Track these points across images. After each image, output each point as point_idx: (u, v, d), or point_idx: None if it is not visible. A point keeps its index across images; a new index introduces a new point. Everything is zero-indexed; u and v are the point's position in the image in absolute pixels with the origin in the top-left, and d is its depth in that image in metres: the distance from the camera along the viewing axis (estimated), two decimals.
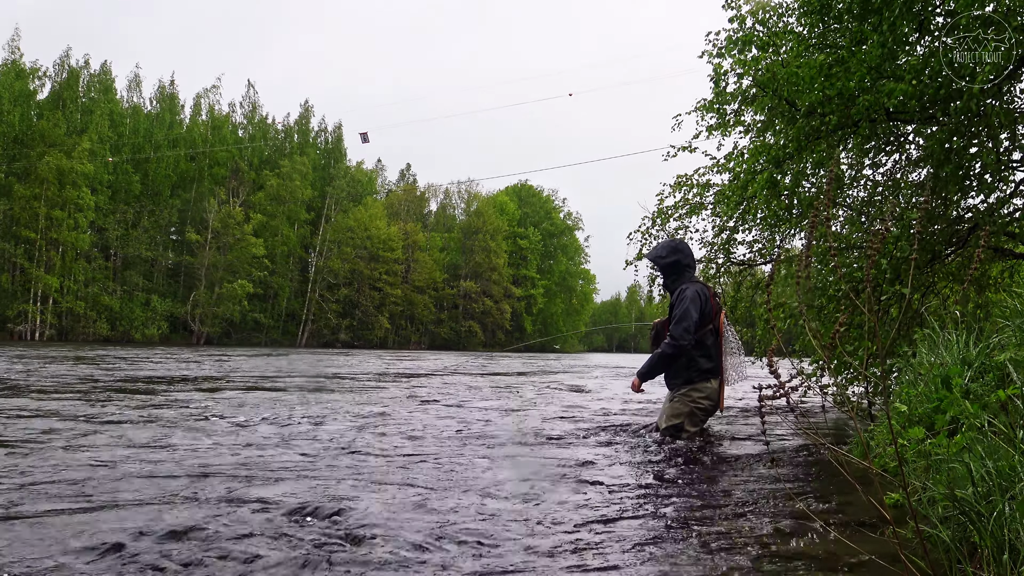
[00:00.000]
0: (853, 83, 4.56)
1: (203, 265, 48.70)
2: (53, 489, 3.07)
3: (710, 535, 2.60)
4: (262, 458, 3.94)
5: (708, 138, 6.94)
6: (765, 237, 7.37)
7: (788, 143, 5.55)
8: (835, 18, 5.26)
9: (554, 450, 4.55)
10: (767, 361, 1.87)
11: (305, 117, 60.52)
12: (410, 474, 3.62)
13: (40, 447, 4.10)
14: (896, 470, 2.07)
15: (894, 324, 5.11)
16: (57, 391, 7.74)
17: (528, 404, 7.92)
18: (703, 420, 4.91)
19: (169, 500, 2.91)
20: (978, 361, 3.09)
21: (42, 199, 40.25)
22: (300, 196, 52.80)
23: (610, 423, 5.99)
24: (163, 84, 52.92)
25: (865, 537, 2.49)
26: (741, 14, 5.95)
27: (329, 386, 9.91)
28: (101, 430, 4.83)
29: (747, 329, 7.88)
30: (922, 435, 2.30)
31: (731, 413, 7.30)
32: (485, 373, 15.70)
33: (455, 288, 64.66)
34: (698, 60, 6.38)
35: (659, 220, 7.62)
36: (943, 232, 5.24)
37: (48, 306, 41.67)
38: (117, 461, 3.73)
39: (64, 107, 45.09)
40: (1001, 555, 1.79)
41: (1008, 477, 1.93)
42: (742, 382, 4.99)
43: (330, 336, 55.28)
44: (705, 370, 4.80)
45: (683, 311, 4.73)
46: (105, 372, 11.34)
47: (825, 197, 1.73)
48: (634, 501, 3.12)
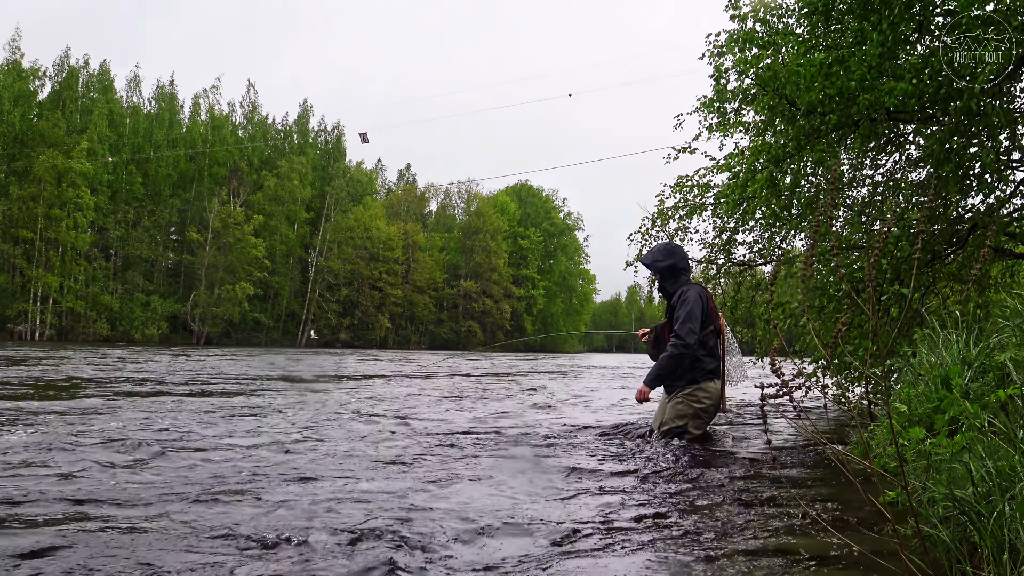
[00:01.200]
0: (854, 83, 4.55)
1: (203, 265, 48.68)
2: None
3: (710, 534, 2.60)
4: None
5: (709, 138, 6.95)
6: (765, 238, 7.36)
7: (788, 142, 5.55)
8: (836, 19, 5.26)
9: (546, 452, 4.55)
10: (769, 361, 1.87)
11: (304, 117, 60.50)
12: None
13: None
14: (896, 470, 2.07)
15: (894, 324, 5.11)
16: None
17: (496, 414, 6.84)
18: (707, 422, 4.86)
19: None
20: (978, 361, 3.09)
21: (40, 199, 40.20)
22: (299, 196, 52.76)
23: (605, 425, 5.99)
24: (162, 84, 52.93)
25: (866, 536, 2.50)
26: (742, 14, 5.95)
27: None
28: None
29: (747, 329, 7.87)
30: (922, 435, 2.30)
31: (731, 413, 7.30)
32: (458, 374, 15.62)
33: (455, 288, 64.63)
34: (699, 61, 6.39)
35: (659, 221, 7.63)
36: (943, 232, 5.25)
37: (48, 306, 41.65)
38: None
39: (64, 107, 45.07)
40: (1001, 555, 1.80)
41: (1008, 477, 1.94)
42: (743, 382, 4.98)
43: (330, 336, 55.27)
44: (709, 370, 4.79)
45: (687, 312, 4.72)
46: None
47: (827, 197, 1.73)
48: (633, 501, 3.12)
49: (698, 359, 4.76)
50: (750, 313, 7.85)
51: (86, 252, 43.51)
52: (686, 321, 4.69)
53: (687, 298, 4.77)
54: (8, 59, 44.42)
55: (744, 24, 5.95)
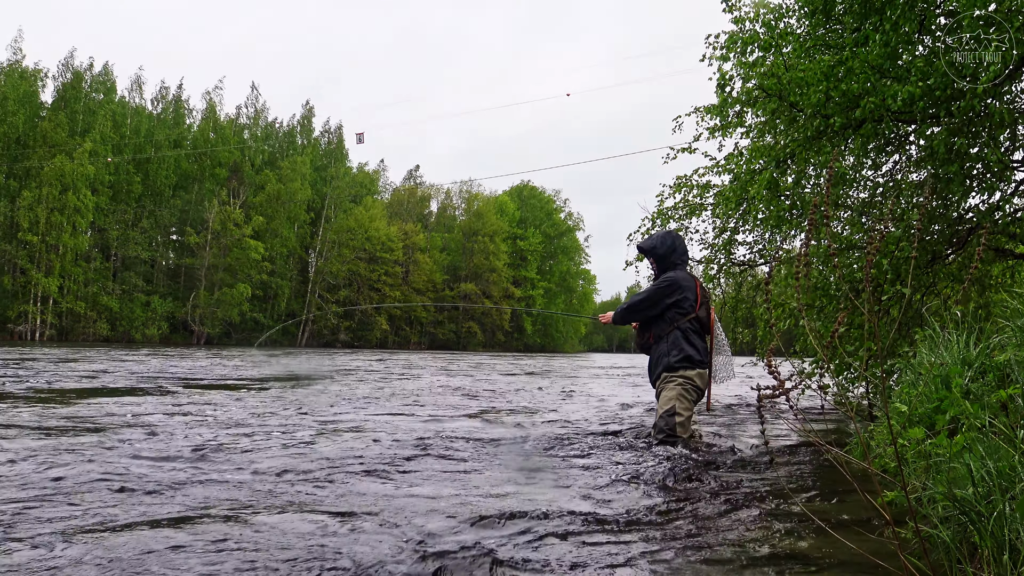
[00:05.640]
0: (857, 84, 4.55)
1: (203, 266, 48.71)
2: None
3: (708, 535, 2.59)
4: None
5: (709, 139, 6.95)
6: (766, 238, 7.36)
7: (789, 144, 5.54)
8: (836, 19, 5.26)
9: (541, 452, 4.54)
10: (766, 361, 1.86)
11: (307, 118, 60.55)
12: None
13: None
14: (896, 470, 2.06)
15: (894, 324, 5.11)
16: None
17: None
18: (693, 401, 4.77)
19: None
20: (978, 361, 3.08)
21: (43, 202, 40.23)
22: (300, 197, 52.79)
23: (604, 425, 5.98)
24: (165, 85, 53.00)
25: (864, 537, 2.49)
26: (742, 16, 5.95)
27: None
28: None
29: (747, 329, 7.87)
30: (922, 435, 2.29)
31: (729, 413, 7.30)
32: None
33: (455, 289, 64.67)
34: (699, 61, 6.38)
35: (659, 221, 7.63)
36: (943, 232, 5.24)
37: (48, 306, 41.67)
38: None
39: (67, 107, 45.11)
40: (1001, 555, 1.79)
41: (1008, 477, 1.93)
42: (730, 380, 4.96)
43: (330, 337, 55.30)
44: (688, 356, 4.73)
45: (642, 297, 4.87)
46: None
47: (825, 195, 1.72)
48: (629, 501, 3.11)
49: (677, 342, 4.74)
50: (750, 313, 7.85)
51: (85, 253, 43.53)
52: (631, 304, 4.90)
53: (655, 283, 4.89)
54: (11, 60, 44.47)
55: (743, 25, 5.95)
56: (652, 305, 4.83)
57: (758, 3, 6.09)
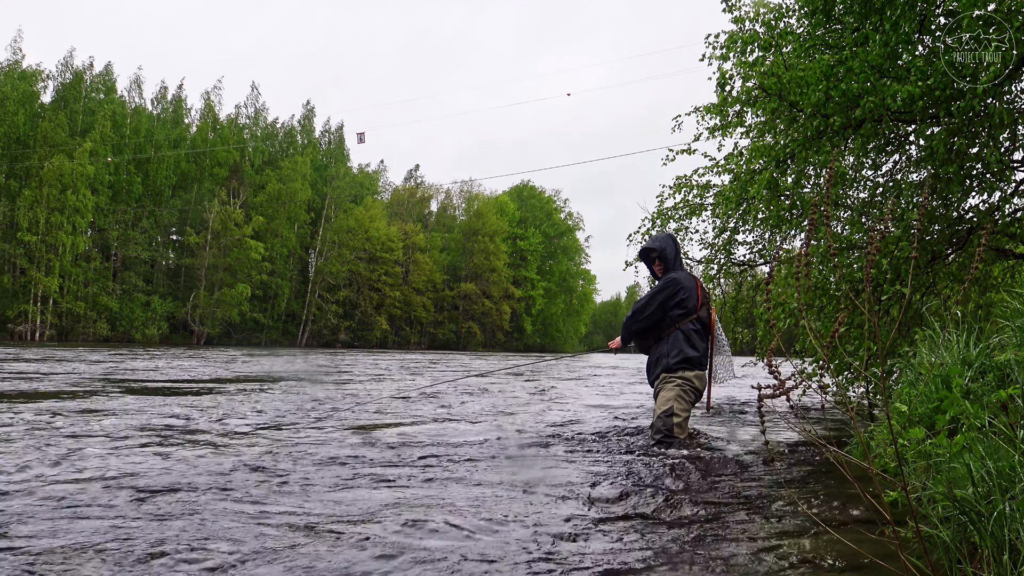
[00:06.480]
0: (856, 84, 4.55)
1: (203, 266, 48.68)
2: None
3: (708, 535, 2.59)
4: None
5: (709, 139, 6.95)
6: (766, 238, 7.37)
7: (789, 143, 5.54)
8: (836, 19, 5.26)
9: (540, 453, 4.54)
10: (767, 361, 1.86)
11: (308, 118, 60.53)
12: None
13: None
14: (896, 470, 2.06)
15: (894, 324, 5.11)
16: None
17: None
18: (691, 402, 4.79)
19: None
20: (978, 361, 3.08)
21: (43, 202, 40.22)
22: (300, 197, 52.76)
23: (603, 424, 5.98)
24: (164, 84, 52.97)
25: (865, 537, 2.49)
26: (742, 15, 5.95)
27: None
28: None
29: (747, 329, 7.87)
30: (922, 435, 2.29)
31: (729, 413, 7.29)
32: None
33: (455, 289, 64.65)
34: (699, 61, 6.38)
35: (659, 221, 7.63)
36: (943, 232, 5.24)
37: (48, 306, 41.66)
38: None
39: (67, 107, 45.09)
40: (1001, 555, 1.79)
41: (1008, 477, 1.93)
42: (729, 380, 4.97)
43: (330, 337, 55.29)
44: (687, 358, 4.76)
45: (646, 300, 4.90)
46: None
47: (825, 195, 1.72)
48: (629, 502, 3.11)
49: (678, 343, 4.75)
50: (750, 313, 7.85)
51: (85, 253, 43.51)
52: (635, 310, 4.94)
53: (656, 286, 4.93)
54: (11, 60, 44.45)
55: (743, 25, 5.95)
56: (658, 307, 4.84)
57: (758, 3, 6.10)
